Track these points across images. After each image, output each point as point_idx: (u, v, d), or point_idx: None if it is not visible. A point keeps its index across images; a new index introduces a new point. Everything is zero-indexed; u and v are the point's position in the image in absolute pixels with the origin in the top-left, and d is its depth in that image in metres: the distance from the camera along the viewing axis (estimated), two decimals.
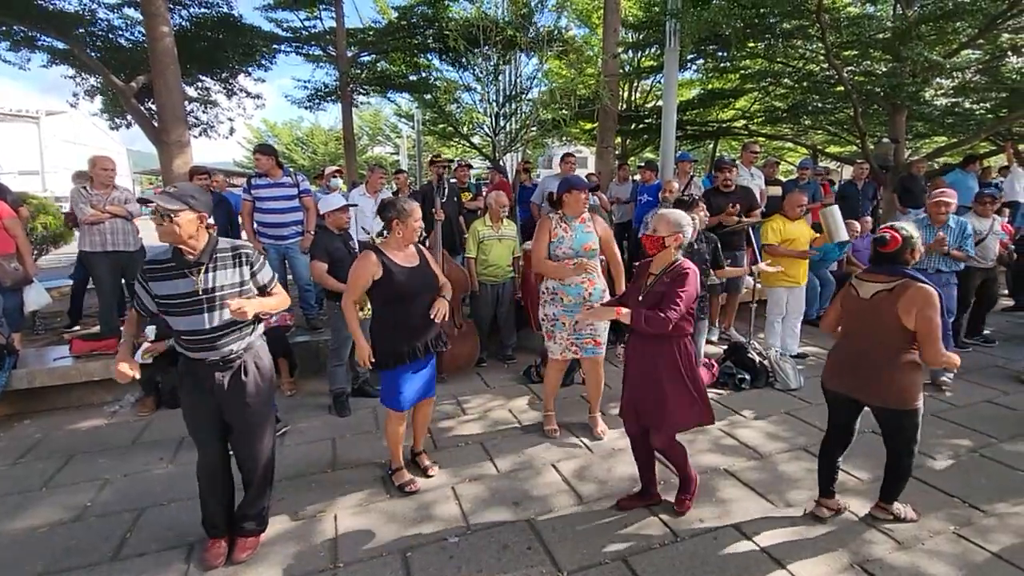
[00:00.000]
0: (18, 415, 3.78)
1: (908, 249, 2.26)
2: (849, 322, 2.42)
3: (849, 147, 13.93)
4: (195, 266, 2.04)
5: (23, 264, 4.11)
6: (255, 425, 2.25)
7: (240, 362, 2.18)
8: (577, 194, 3.22)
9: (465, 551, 2.34)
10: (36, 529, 2.52)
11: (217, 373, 2.13)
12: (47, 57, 8.10)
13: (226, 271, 2.11)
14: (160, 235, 2.01)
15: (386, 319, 2.65)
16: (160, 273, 2.04)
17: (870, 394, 2.30)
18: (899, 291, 2.19)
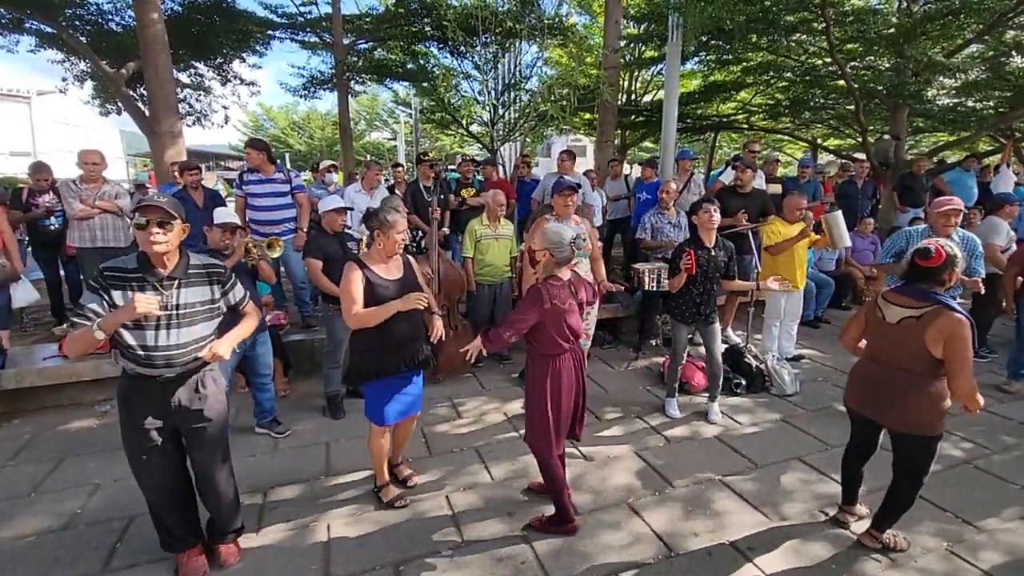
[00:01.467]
0: (7, 414, 3.74)
1: (948, 269, 2.11)
2: (874, 344, 2.34)
3: (848, 140, 13.87)
4: (167, 280, 1.95)
5: (10, 260, 4.02)
6: (215, 441, 2.18)
7: (197, 377, 2.11)
8: (558, 198, 3.43)
9: (458, 565, 2.33)
10: (24, 537, 2.50)
11: (176, 389, 2.04)
12: (35, 41, 7.90)
13: (197, 288, 2.04)
14: (152, 244, 1.86)
15: (368, 332, 2.53)
16: (123, 282, 1.90)
17: (891, 417, 2.25)
18: (929, 319, 2.08)
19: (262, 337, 3.34)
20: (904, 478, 2.31)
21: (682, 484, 2.93)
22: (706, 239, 3.53)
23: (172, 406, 2.05)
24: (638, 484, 2.94)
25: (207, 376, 2.14)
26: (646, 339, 5.09)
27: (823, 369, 4.65)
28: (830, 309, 6.37)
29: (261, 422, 3.49)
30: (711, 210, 3.49)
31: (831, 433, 3.48)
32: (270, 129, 32.56)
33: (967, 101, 9.25)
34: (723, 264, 3.56)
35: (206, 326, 2.07)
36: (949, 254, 2.11)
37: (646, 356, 4.93)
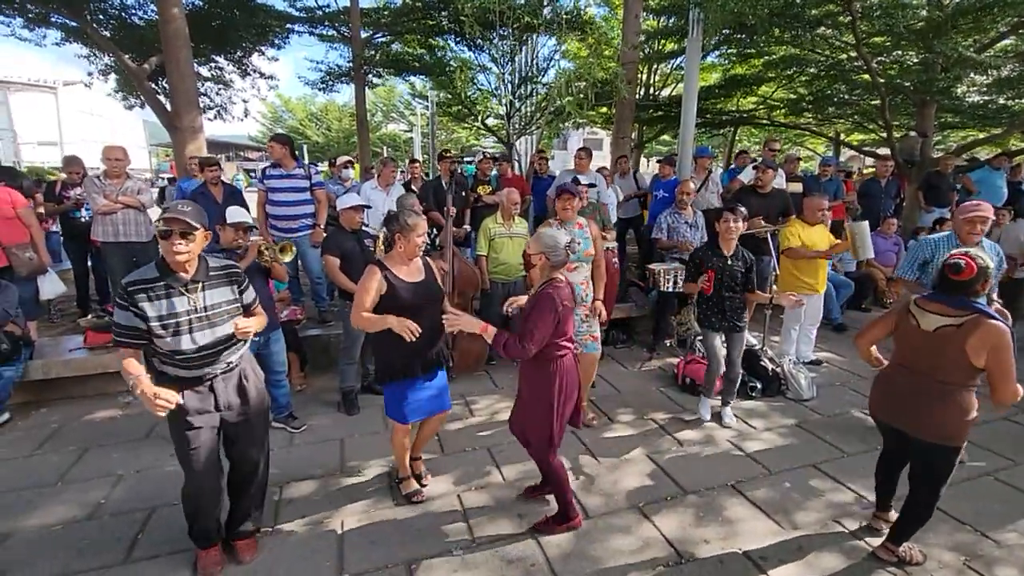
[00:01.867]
0: (35, 403, 3.86)
1: (981, 280, 2.08)
2: (905, 353, 2.28)
3: (872, 135, 13.54)
4: (191, 283, 2.01)
5: (37, 253, 4.15)
6: (259, 430, 2.32)
7: (239, 370, 2.21)
8: (558, 201, 3.41)
9: (469, 565, 2.36)
10: (51, 527, 2.58)
11: (219, 385, 2.14)
12: (61, 35, 8.05)
13: (219, 289, 2.11)
14: (175, 254, 1.92)
15: (388, 336, 2.55)
16: (150, 292, 1.95)
17: (919, 428, 2.20)
18: (969, 328, 2.04)
19: (275, 335, 3.39)
20: (923, 489, 2.27)
21: (694, 489, 2.92)
22: (725, 247, 3.49)
23: (219, 402, 2.14)
24: (650, 488, 2.94)
25: (248, 369, 2.23)
26: (661, 340, 5.05)
27: (841, 373, 4.58)
28: (849, 311, 6.26)
29: (277, 416, 3.55)
30: (730, 220, 3.43)
31: (848, 440, 3.43)
32: (288, 121, 32.84)
33: (998, 98, 8.94)
34: (740, 274, 3.48)
35: (222, 329, 2.12)
36: (981, 266, 2.07)
37: (660, 357, 4.90)
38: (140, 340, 1.98)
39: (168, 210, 1.94)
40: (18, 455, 3.22)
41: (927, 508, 2.27)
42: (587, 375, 3.54)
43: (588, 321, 3.45)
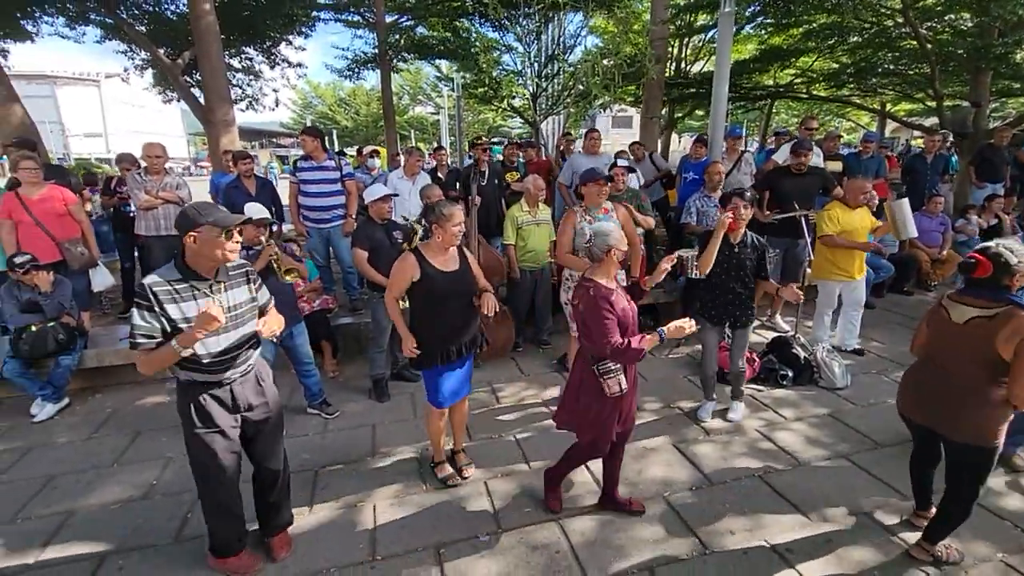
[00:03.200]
0: (91, 389, 4.13)
1: (1006, 275, 1.97)
2: (934, 346, 2.21)
3: (920, 105, 12.75)
4: (215, 283, 2.02)
5: (88, 248, 4.37)
6: (278, 428, 2.34)
7: (255, 372, 2.23)
8: (590, 187, 3.28)
9: (496, 550, 2.43)
10: (110, 506, 2.79)
11: (238, 388, 2.15)
12: (100, 32, 8.34)
13: (240, 288, 2.12)
14: (231, 254, 1.97)
15: (423, 320, 2.69)
16: (175, 295, 1.92)
17: (948, 425, 2.13)
18: (1003, 320, 1.95)
19: (298, 328, 3.51)
20: (959, 488, 2.20)
21: (720, 479, 2.92)
22: (732, 235, 3.23)
23: (241, 405, 2.16)
24: (675, 477, 2.95)
25: (261, 370, 2.28)
26: None
27: (878, 361, 4.43)
28: (891, 295, 6.03)
29: (312, 403, 3.70)
30: (740, 206, 3.17)
31: (882, 431, 3.34)
32: (318, 107, 33.27)
33: None
34: (749, 263, 3.23)
35: (252, 324, 2.17)
36: (999, 262, 1.97)
37: (688, 344, 4.84)
38: (153, 340, 1.92)
39: (215, 214, 1.94)
40: (78, 438, 3.47)
41: (963, 509, 2.19)
42: None
43: None
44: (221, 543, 2.29)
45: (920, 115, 15.76)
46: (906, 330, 5.00)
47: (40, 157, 4.71)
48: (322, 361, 4.32)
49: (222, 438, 2.12)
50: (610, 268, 2.38)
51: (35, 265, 3.72)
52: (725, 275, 3.23)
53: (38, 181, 4.15)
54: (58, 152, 27.75)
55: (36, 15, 7.84)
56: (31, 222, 4.07)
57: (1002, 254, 1.98)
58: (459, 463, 3.03)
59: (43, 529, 2.61)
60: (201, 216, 1.92)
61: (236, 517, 2.28)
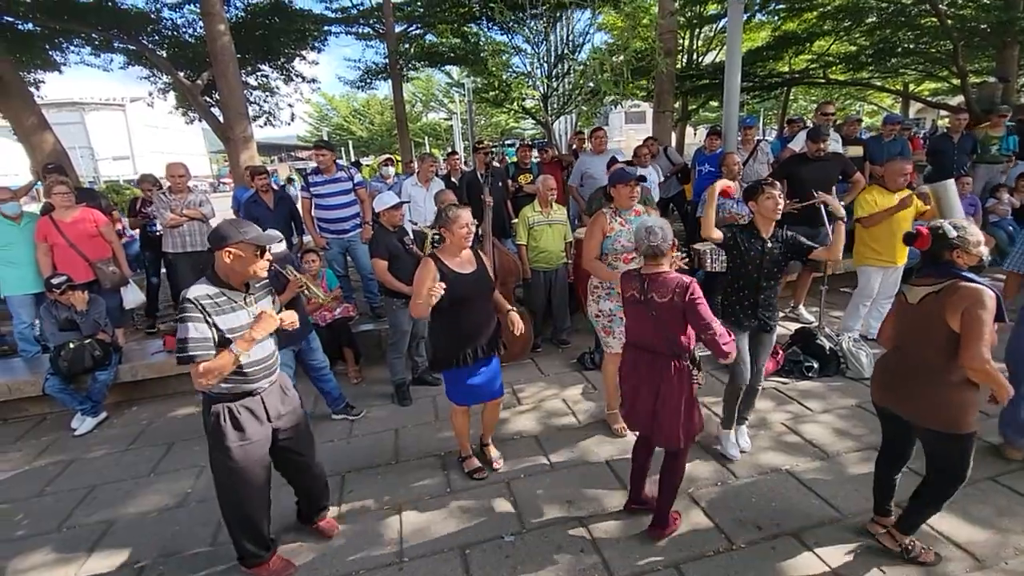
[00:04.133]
0: (127, 401, 4.29)
1: (945, 248, 1.99)
2: (898, 331, 2.20)
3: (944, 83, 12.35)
4: (248, 296, 2.13)
5: (119, 267, 4.54)
6: (307, 430, 2.46)
7: (279, 381, 2.33)
8: (621, 188, 3.15)
9: (520, 550, 2.45)
10: (148, 514, 2.90)
11: (268, 398, 2.22)
12: (124, 59, 8.66)
13: (265, 300, 2.23)
14: (261, 271, 2.10)
15: (442, 323, 2.74)
16: (219, 306, 2.02)
17: (914, 411, 2.09)
18: (947, 292, 1.95)
19: (312, 335, 3.61)
20: (932, 480, 2.13)
21: (746, 475, 2.88)
22: (763, 229, 2.83)
23: (272, 414, 2.23)
24: (699, 473, 2.92)
25: (284, 378, 2.37)
26: None
27: None
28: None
29: (336, 409, 3.77)
30: (776, 196, 2.76)
31: None
32: (333, 118, 33.84)
33: None
34: (783, 258, 2.92)
35: (275, 336, 2.26)
36: (937, 234, 2.01)
37: None
38: (212, 350, 1.96)
39: (253, 231, 2.06)
40: (116, 450, 3.60)
41: (940, 497, 2.13)
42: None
43: None
44: (249, 554, 2.31)
45: (945, 94, 15.25)
46: None
47: (71, 181, 4.90)
48: (345, 368, 4.41)
49: (255, 449, 2.18)
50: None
51: (71, 285, 3.89)
52: (757, 272, 2.86)
53: (71, 204, 4.33)
54: (88, 175, 28.82)
55: (63, 46, 8.19)
56: (65, 244, 4.25)
57: (941, 226, 2.01)
58: (488, 455, 3.08)
59: (87, 537, 2.73)
60: (237, 233, 2.01)
61: (262, 528, 2.31)
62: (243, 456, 2.14)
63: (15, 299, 4.35)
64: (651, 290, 2.29)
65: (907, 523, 2.23)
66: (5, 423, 4.09)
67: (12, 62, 6.25)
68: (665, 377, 2.29)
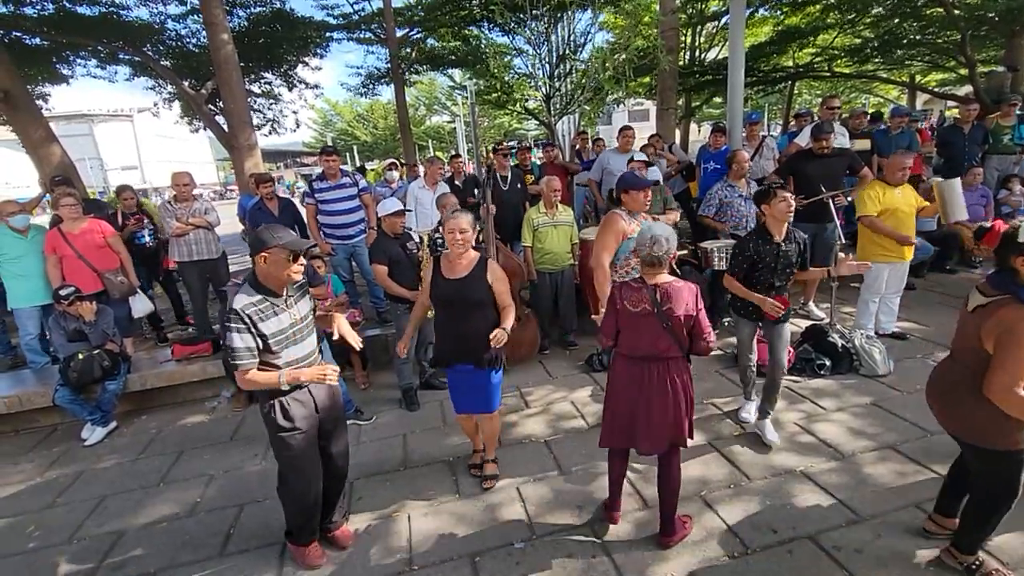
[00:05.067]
0: (136, 411, 4.30)
1: (1012, 252, 1.75)
2: (954, 337, 2.06)
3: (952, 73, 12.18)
4: (286, 299, 2.22)
5: (127, 276, 4.57)
6: (344, 425, 2.56)
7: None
8: (635, 195, 3.15)
9: (531, 557, 2.41)
10: (157, 523, 2.89)
11: (315, 391, 2.33)
12: (129, 71, 8.74)
13: (303, 301, 2.32)
14: (295, 275, 2.18)
15: (436, 322, 2.85)
16: (261, 313, 2.11)
17: (950, 424, 1.99)
18: (993, 307, 1.76)
19: (322, 341, 3.57)
20: (975, 497, 2.02)
21: (759, 476, 2.83)
22: (776, 232, 2.88)
23: (318, 406, 2.33)
24: (712, 476, 2.87)
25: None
26: (717, 319, 4.87)
27: (922, 344, 4.22)
28: (931, 273, 5.77)
29: (346, 414, 3.76)
30: (788, 199, 2.80)
31: (930, 418, 3.13)
32: (337, 124, 34.05)
33: None
34: (796, 258, 2.96)
35: (315, 333, 2.38)
36: (1007, 234, 1.77)
37: (719, 337, 4.72)
38: (256, 359, 2.11)
39: (287, 237, 2.13)
40: (126, 459, 3.61)
41: (977, 519, 2.00)
42: None
43: None
44: (297, 530, 2.46)
45: (952, 84, 15.06)
46: (949, 310, 4.76)
47: (78, 193, 4.92)
48: (353, 374, 4.40)
49: (304, 437, 2.29)
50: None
51: (79, 296, 3.91)
52: (769, 271, 2.93)
53: (78, 216, 4.36)
54: (98, 186, 29.15)
55: (70, 59, 8.28)
56: (73, 255, 4.28)
57: (1019, 226, 1.76)
58: (484, 472, 3.00)
59: (98, 548, 2.73)
60: (272, 239, 2.09)
61: (313, 508, 2.42)
62: (296, 444, 2.26)
63: (23, 311, 4.39)
64: (666, 302, 2.21)
65: (963, 542, 2.09)
66: (17, 435, 4.12)
67: (20, 76, 6.31)
68: (678, 378, 2.26)
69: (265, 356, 2.17)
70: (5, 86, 5.89)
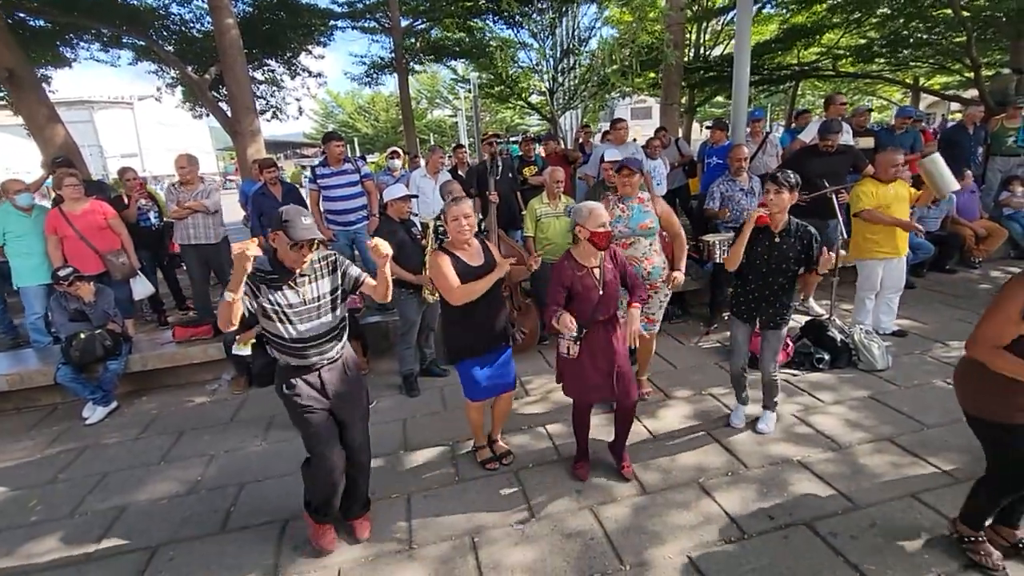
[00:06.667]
0: (137, 392, 4.31)
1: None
2: None
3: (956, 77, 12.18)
4: (299, 277, 2.16)
5: (128, 258, 4.57)
6: (364, 414, 2.47)
7: (342, 360, 2.35)
8: (618, 177, 3.21)
9: (530, 538, 2.44)
10: (158, 501, 2.91)
11: (327, 375, 2.28)
12: (132, 55, 8.70)
13: (325, 280, 2.23)
14: (297, 261, 2.10)
15: (452, 315, 2.74)
16: (268, 284, 2.12)
17: (963, 399, 2.01)
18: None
19: None
20: (988, 468, 2.03)
21: (757, 465, 2.85)
22: (772, 223, 2.85)
23: (329, 391, 2.28)
24: (710, 463, 2.90)
25: (349, 359, 2.38)
26: (717, 313, 4.89)
27: (921, 341, 4.24)
28: (932, 273, 5.79)
29: None
30: (771, 192, 2.81)
31: (928, 412, 3.21)
32: (339, 115, 33.92)
33: None
34: (793, 254, 2.84)
35: (336, 314, 2.28)
36: None
37: (718, 331, 4.75)
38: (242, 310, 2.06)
39: (293, 226, 2.02)
40: (127, 438, 3.63)
41: (985, 492, 2.03)
42: (646, 351, 3.61)
43: (647, 302, 3.30)
44: (313, 505, 2.42)
45: (956, 87, 15.06)
46: (949, 309, 4.79)
47: (79, 174, 4.90)
48: None
49: (315, 415, 2.26)
50: (579, 246, 2.58)
51: (78, 276, 3.91)
52: (765, 268, 2.88)
53: (80, 197, 4.36)
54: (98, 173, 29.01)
55: (73, 42, 8.24)
56: (75, 236, 4.28)
57: None
58: (497, 452, 3.04)
59: (99, 523, 2.75)
60: (283, 222, 2.05)
61: (330, 492, 2.36)
62: (309, 422, 2.25)
63: (29, 289, 4.40)
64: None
65: (967, 514, 2.12)
66: (19, 412, 4.13)
67: (24, 57, 6.28)
68: (619, 335, 2.65)
69: (268, 324, 2.16)
70: (10, 65, 5.87)
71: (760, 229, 2.88)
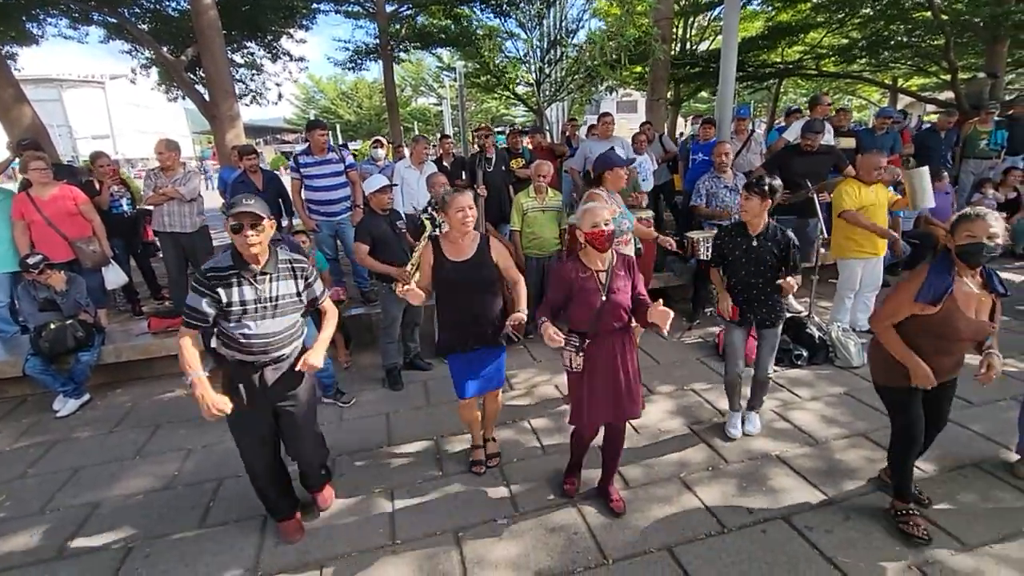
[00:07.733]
0: (111, 384, 4.19)
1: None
2: None
3: (933, 79, 12.47)
4: (260, 275, 2.11)
5: (100, 246, 4.41)
6: (309, 417, 2.42)
7: (289, 362, 2.29)
8: (618, 171, 3.20)
9: (514, 533, 2.45)
10: (133, 496, 2.85)
11: (270, 374, 2.23)
12: (104, 33, 8.36)
13: (287, 282, 2.20)
14: (248, 246, 2.02)
15: (441, 308, 2.73)
16: (225, 280, 2.07)
17: (872, 370, 2.49)
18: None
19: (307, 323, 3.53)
20: (892, 435, 2.41)
21: (737, 460, 2.91)
22: (750, 227, 2.87)
23: (269, 388, 2.24)
24: (691, 459, 2.95)
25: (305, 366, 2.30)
26: (700, 309, 4.95)
27: None
28: (906, 271, 5.93)
29: (326, 394, 3.73)
30: (743, 197, 2.85)
31: None
32: (320, 101, 33.24)
33: None
34: (770, 257, 2.82)
35: (293, 316, 2.26)
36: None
37: (700, 326, 4.81)
38: (204, 324, 2.09)
39: (234, 205, 2.00)
40: (100, 432, 3.53)
41: (897, 459, 2.38)
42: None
43: None
44: (267, 506, 2.47)
45: (933, 89, 15.42)
46: None
47: (48, 157, 4.69)
48: (335, 352, 4.36)
49: (251, 415, 2.24)
50: (586, 249, 2.37)
51: (48, 264, 3.77)
52: (744, 270, 2.89)
53: (48, 181, 4.19)
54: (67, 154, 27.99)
55: (40, 17, 7.87)
56: (43, 222, 4.11)
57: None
58: (490, 451, 3.00)
59: (71, 519, 2.68)
60: (227, 207, 2.02)
61: (270, 487, 2.40)
62: (241, 419, 2.22)
63: None
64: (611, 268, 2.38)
65: (894, 487, 2.42)
66: None
67: None
68: (628, 346, 2.45)
69: (224, 325, 2.12)
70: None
71: (739, 232, 2.92)
